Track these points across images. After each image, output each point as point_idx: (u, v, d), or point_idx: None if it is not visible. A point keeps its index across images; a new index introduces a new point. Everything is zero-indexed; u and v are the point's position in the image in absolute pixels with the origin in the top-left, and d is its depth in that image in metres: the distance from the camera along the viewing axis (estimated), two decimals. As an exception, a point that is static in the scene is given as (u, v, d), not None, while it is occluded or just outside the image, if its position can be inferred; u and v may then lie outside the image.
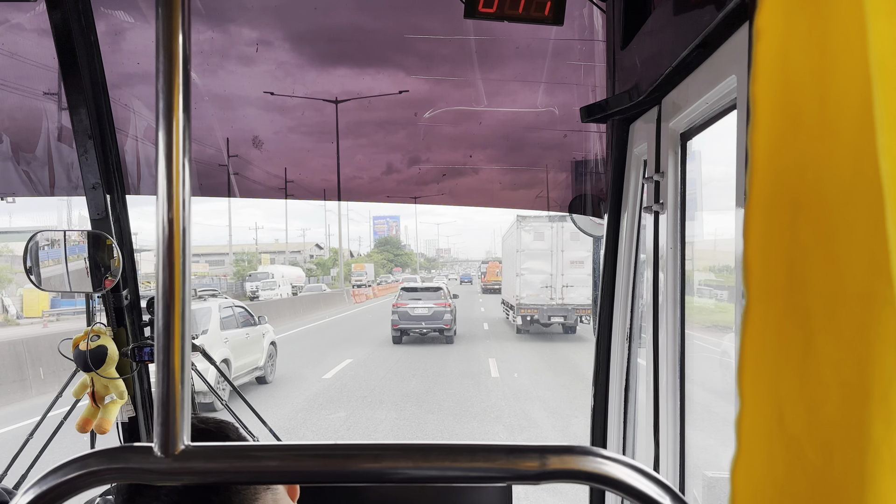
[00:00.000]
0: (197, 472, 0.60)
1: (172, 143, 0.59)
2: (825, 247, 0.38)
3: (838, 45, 0.37)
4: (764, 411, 0.41)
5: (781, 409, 0.40)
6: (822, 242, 0.38)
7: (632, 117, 1.81)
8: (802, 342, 0.39)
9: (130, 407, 2.34)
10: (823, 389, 0.38)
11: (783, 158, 0.41)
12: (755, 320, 0.41)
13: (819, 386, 0.38)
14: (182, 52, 0.59)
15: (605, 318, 2.05)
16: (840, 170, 0.37)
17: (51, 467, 0.61)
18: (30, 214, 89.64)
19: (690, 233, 1.56)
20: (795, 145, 0.40)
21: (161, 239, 0.59)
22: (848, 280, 0.37)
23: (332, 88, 2.60)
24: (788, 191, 0.40)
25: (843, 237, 0.37)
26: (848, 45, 0.36)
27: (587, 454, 0.59)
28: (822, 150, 0.38)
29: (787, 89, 0.40)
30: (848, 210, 0.37)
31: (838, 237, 0.38)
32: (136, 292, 2.35)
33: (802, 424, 0.39)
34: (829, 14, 0.37)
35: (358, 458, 0.60)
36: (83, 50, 2.09)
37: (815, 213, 0.39)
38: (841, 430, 0.37)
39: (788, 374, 0.40)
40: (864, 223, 0.36)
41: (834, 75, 0.37)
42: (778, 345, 0.40)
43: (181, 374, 0.59)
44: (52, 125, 2.46)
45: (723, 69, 1.13)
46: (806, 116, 0.39)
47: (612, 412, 2.07)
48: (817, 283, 0.39)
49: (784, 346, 0.40)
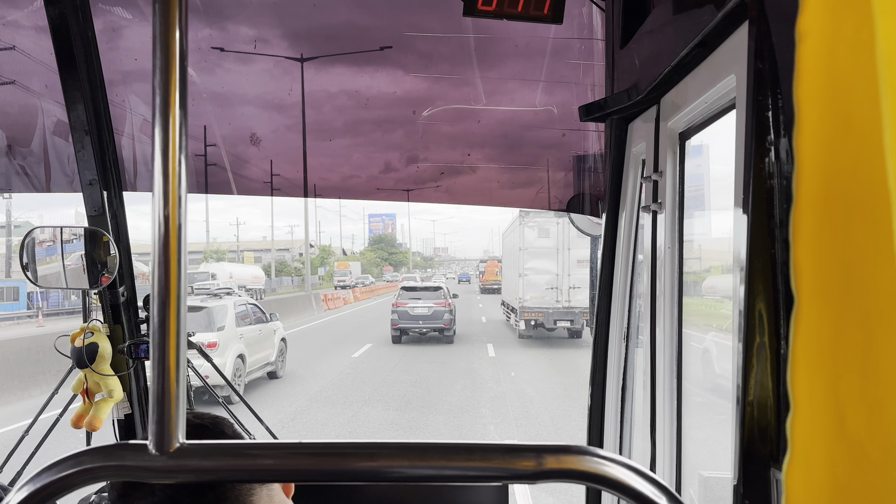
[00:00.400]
0: (192, 469, 0.59)
1: (169, 140, 0.59)
2: (881, 247, 0.38)
3: (889, 45, 0.36)
4: (822, 413, 0.41)
5: (842, 411, 0.40)
6: (878, 243, 0.38)
7: (630, 116, 1.81)
8: (861, 343, 0.39)
9: (126, 404, 2.34)
10: (884, 390, 0.38)
11: (834, 160, 0.40)
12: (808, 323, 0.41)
13: (880, 386, 0.38)
14: (179, 48, 0.59)
15: (602, 318, 2.05)
16: (894, 169, 0.37)
17: (45, 464, 0.61)
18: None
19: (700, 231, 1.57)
20: (847, 147, 0.40)
21: (157, 236, 0.59)
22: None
23: (330, 86, 2.59)
24: (841, 192, 0.40)
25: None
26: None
27: (583, 454, 0.59)
28: (875, 151, 0.38)
29: (834, 91, 0.40)
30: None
31: (894, 237, 0.37)
32: (133, 289, 2.34)
33: (864, 425, 0.39)
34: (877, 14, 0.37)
35: (354, 457, 0.60)
36: (80, 46, 2.09)
37: (870, 214, 0.38)
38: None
39: (848, 375, 0.39)
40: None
41: (884, 75, 0.37)
42: (835, 347, 0.40)
43: (176, 371, 0.59)
44: (49, 121, 2.45)
45: (722, 69, 1.13)
46: (856, 117, 0.39)
47: (609, 412, 2.07)
48: (874, 283, 0.38)
49: (842, 348, 0.40)
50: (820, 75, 0.40)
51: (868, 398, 0.39)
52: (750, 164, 0.85)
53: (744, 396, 0.84)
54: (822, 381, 0.41)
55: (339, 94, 2.63)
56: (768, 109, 0.82)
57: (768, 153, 0.81)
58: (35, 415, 2.22)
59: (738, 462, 0.85)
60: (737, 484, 0.85)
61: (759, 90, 0.86)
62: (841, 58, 0.39)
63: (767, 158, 0.81)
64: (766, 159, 0.81)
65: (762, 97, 0.84)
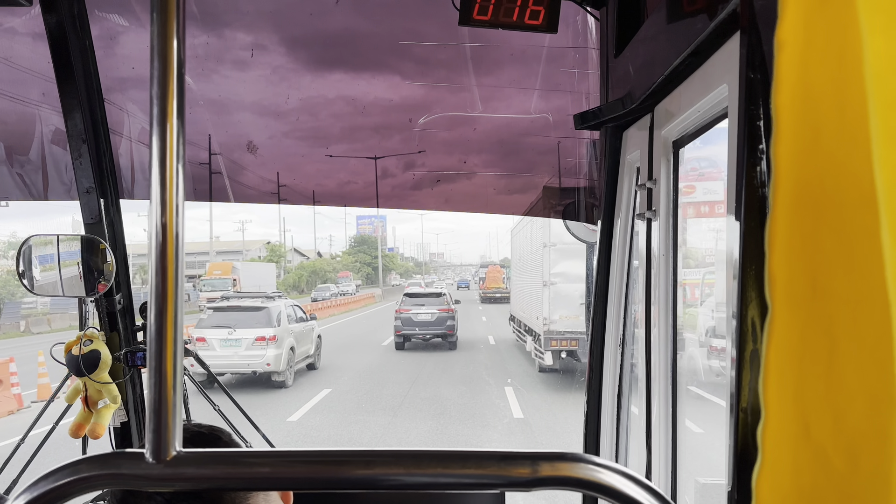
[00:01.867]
0: (188, 478, 0.59)
1: (166, 148, 0.59)
2: (847, 255, 0.38)
3: (856, 55, 0.37)
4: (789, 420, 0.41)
5: (807, 418, 0.40)
6: (844, 251, 0.39)
7: (625, 125, 1.82)
8: (826, 350, 0.39)
9: (123, 412, 2.33)
10: (848, 397, 0.38)
11: (804, 168, 0.41)
12: (780, 330, 0.42)
13: (844, 394, 0.38)
14: (177, 56, 0.59)
15: (598, 325, 2.05)
16: (860, 178, 0.37)
17: (42, 473, 0.61)
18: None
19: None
20: (816, 155, 0.40)
21: (154, 243, 0.59)
22: (870, 288, 0.37)
23: (328, 93, 2.60)
24: (810, 200, 0.40)
25: (865, 245, 0.37)
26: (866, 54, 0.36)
27: (579, 461, 0.59)
28: (842, 159, 0.38)
29: (807, 99, 0.40)
30: (868, 218, 0.37)
31: (860, 245, 0.38)
32: (130, 297, 2.34)
33: (828, 432, 0.39)
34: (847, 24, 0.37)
35: (350, 465, 0.60)
36: (78, 54, 2.09)
37: (837, 222, 0.39)
38: (866, 437, 0.37)
39: (813, 382, 0.40)
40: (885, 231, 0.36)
41: (852, 84, 0.37)
42: (802, 354, 0.41)
43: (173, 379, 0.59)
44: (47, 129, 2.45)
45: (714, 78, 1.14)
46: (825, 126, 0.39)
47: (605, 419, 2.07)
48: (840, 291, 0.39)
49: (808, 355, 0.40)
50: (794, 85, 0.41)
51: (832, 406, 0.39)
52: (742, 172, 0.86)
53: (737, 403, 0.85)
54: (790, 389, 0.41)
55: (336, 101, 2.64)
56: (759, 119, 0.83)
57: (759, 162, 0.81)
58: (30, 424, 2.22)
59: (733, 469, 0.85)
60: (731, 490, 0.85)
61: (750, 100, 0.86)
62: (812, 68, 0.40)
63: (759, 167, 0.81)
64: (758, 168, 0.82)
65: (753, 106, 0.85)
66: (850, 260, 0.38)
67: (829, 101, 0.39)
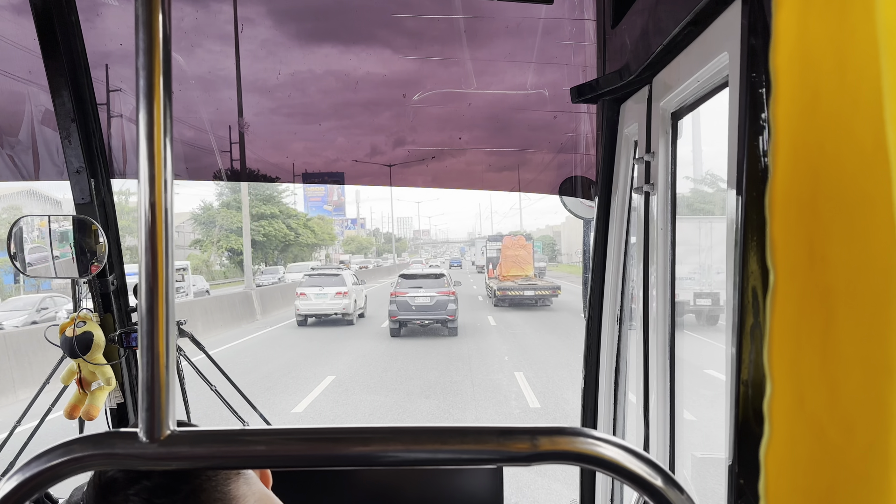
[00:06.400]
0: (182, 457, 0.59)
1: (154, 124, 0.57)
2: (845, 222, 0.37)
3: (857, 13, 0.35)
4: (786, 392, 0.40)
5: (802, 389, 0.39)
6: (843, 217, 0.37)
7: (622, 97, 1.80)
8: (823, 320, 0.38)
9: (119, 393, 2.32)
10: (844, 367, 0.37)
11: (803, 132, 0.39)
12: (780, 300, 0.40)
13: (840, 364, 0.37)
14: (162, 30, 0.57)
15: (595, 300, 2.05)
16: (860, 142, 0.36)
17: (35, 453, 0.60)
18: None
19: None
20: (815, 118, 0.39)
21: (144, 222, 0.58)
22: (869, 255, 0.36)
23: (316, 67, 2.56)
24: (808, 165, 0.39)
25: (864, 211, 0.36)
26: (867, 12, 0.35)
27: (578, 435, 0.59)
28: (842, 122, 0.37)
29: (806, 59, 0.39)
30: (868, 183, 0.36)
31: (858, 212, 0.36)
32: (123, 277, 2.32)
33: (824, 404, 0.38)
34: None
35: (347, 442, 0.60)
36: (64, 30, 2.05)
37: (835, 188, 0.38)
38: (862, 408, 0.36)
39: (809, 353, 0.39)
40: (884, 197, 0.35)
41: (853, 44, 0.36)
42: (798, 324, 0.40)
43: (166, 358, 0.58)
44: (36, 108, 2.41)
45: (714, 46, 1.12)
46: (825, 87, 0.38)
47: (603, 393, 2.08)
48: (838, 258, 0.38)
49: (805, 325, 0.39)
50: (793, 45, 0.40)
51: (828, 376, 0.38)
52: (744, 140, 0.85)
53: (738, 377, 0.84)
54: (787, 360, 0.40)
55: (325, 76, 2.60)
56: (762, 86, 0.81)
57: (762, 131, 0.80)
58: (25, 407, 2.21)
59: (733, 442, 0.85)
60: (732, 464, 0.85)
61: (751, 66, 0.85)
62: (811, 26, 0.38)
63: (761, 137, 0.80)
64: (760, 137, 0.80)
65: (755, 73, 0.83)
66: (849, 226, 0.37)
67: (829, 61, 0.38)
